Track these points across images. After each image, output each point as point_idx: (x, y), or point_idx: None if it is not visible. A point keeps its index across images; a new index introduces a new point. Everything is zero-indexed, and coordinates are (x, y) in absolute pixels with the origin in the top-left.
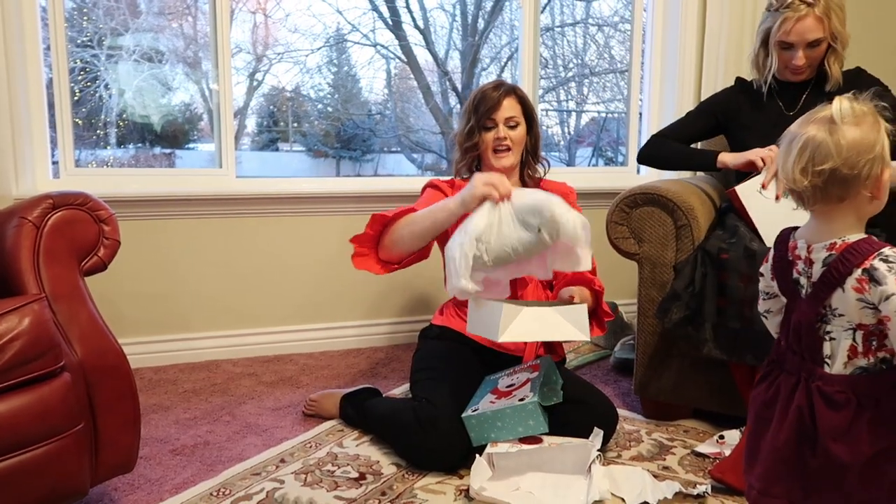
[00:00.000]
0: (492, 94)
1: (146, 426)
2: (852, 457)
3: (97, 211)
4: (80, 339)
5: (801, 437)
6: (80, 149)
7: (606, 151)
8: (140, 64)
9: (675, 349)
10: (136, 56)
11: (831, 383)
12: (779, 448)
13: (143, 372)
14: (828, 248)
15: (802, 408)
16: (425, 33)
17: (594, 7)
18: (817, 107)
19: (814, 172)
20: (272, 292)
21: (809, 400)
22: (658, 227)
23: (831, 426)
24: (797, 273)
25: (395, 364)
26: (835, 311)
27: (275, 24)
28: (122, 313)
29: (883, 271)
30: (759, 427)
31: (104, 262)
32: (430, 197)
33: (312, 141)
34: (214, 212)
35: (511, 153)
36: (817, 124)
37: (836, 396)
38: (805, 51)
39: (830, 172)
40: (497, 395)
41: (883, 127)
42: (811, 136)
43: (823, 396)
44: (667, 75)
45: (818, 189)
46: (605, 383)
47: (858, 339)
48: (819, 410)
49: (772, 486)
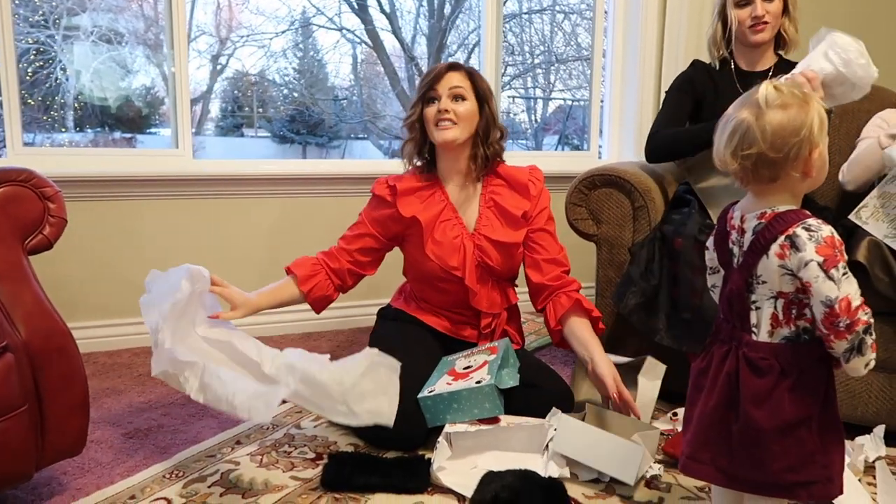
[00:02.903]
0: (438, 67)
1: (98, 410)
2: (770, 422)
3: (42, 188)
4: (24, 320)
5: (727, 403)
6: (36, 132)
7: (573, 139)
8: (98, 45)
9: (633, 329)
10: (93, 37)
11: (756, 350)
12: (707, 414)
13: (97, 356)
14: (758, 216)
15: (731, 374)
16: (391, 18)
17: None
18: (754, 87)
19: (742, 156)
20: (230, 275)
21: (737, 366)
22: (616, 208)
23: (753, 391)
24: (731, 243)
25: (355, 348)
26: (759, 278)
27: (238, 5)
28: (75, 296)
29: (804, 238)
30: (694, 395)
31: (49, 240)
32: (371, 211)
33: (278, 126)
34: (170, 192)
35: (456, 127)
36: (748, 108)
37: (760, 363)
38: (763, 3)
39: (757, 156)
40: (454, 376)
41: (814, 107)
42: (740, 120)
43: (748, 362)
44: (628, 62)
45: (748, 171)
46: (564, 364)
47: (779, 307)
48: (743, 376)
49: (699, 452)
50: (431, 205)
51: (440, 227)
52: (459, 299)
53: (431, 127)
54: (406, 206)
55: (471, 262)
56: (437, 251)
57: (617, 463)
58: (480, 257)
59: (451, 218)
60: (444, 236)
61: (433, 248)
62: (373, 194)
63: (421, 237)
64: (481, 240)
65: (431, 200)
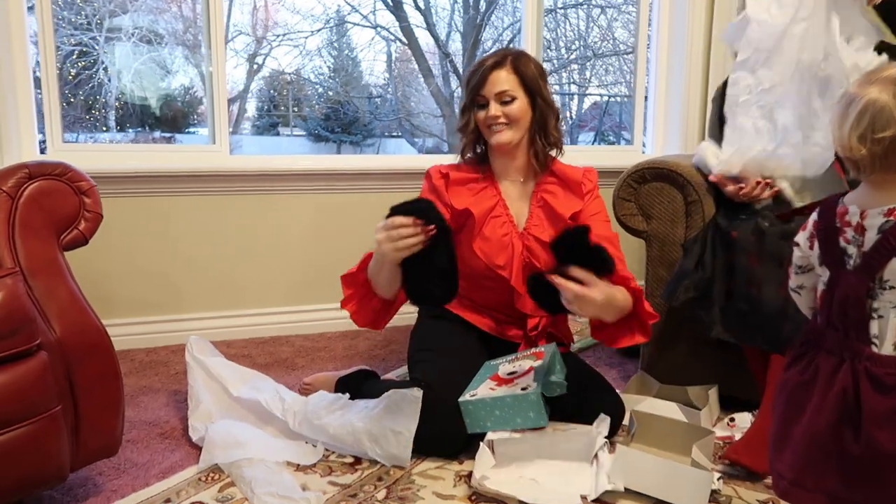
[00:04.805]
0: (481, 68)
1: (135, 409)
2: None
3: (77, 182)
4: (59, 317)
5: (842, 423)
6: (79, 132)
7: (608, 136)
8: (139, 46)
9: (684, 330)
10: (134, 39)
11: (881, 364)
12: (816, 434)
13: (135, 353)
14: (885, 213)
15: (847, 390)
16: (426, 14)
17: None
18: (879, 64)
19: (873, 140)
20: (268, 272)
21: (855, 381)
22: (667, 203)
23: (878, 411)
24: (845, 241)
25: (393, 346)
26: (886, 283)
27: (274, 4)
28: (113, 292)
29: None
30: (792, 411)
31: (85, 236)
32: (424, 192)
33: (313, 125)
34: (208, 188)
35: (509, 129)
36: (880, 85)
37: (886, 379)
38: None
39: (891, 140)
40: (497, 381)
41: None
42: (872, 100)
43: (871, 378)
44: (674, 55)
45: (876, 158)
46: (609, 366)
47: None
48: (865, 393)
49: (804, 477)
50: (484, 199)
51: (490, 224)
52: (504, 299)
53: (485, 130)
54: (457, 196)
55: (518, 262)
56: (485, 248)
57: (685, 492)
58: (528, 258)
59: (502, 215)
60: (494, 233)
61: (481, 245)
62: (428, 179)
63: (470, 231)
64: (530, 240)
65: (484, 194)
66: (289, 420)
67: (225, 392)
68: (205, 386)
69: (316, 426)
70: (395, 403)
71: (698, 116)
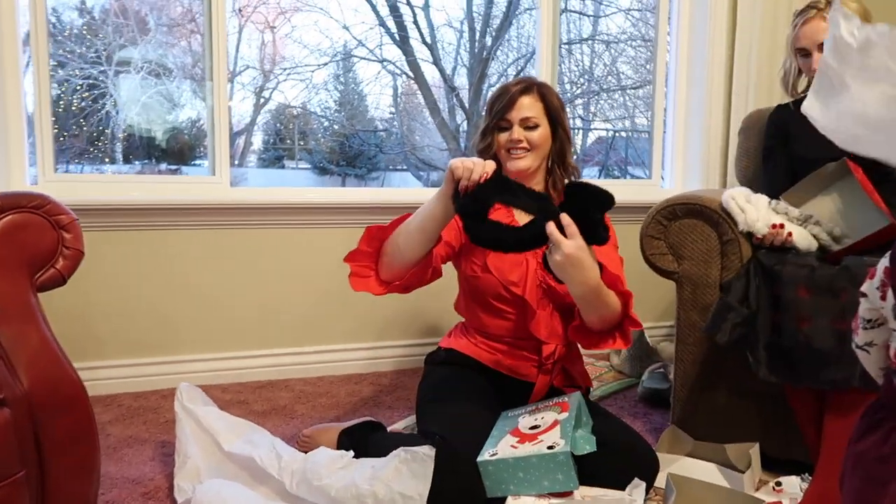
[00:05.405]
0: (509, 91)
1: (118, 463)
2: None
3: (56, 215)
4: (28, 367)
5: None
6: (83, 164)
7: (614, 171)
8: (147, 80)
9: (721, 380)
10: (143, 73)
11: None
12: None
13: (122, 398)
14: None
15: None
16: (433, 49)
17: (602, 24)
18: None
19: None
20: (267, 311)
21: None
22: (700, 241)
23: None
24: None
25: (400, 392)
26: None
27: (282, 39)
28: (100, 333)
29: None
30: (871, 491)
31: (63, 275)
32: None
33: (318, 158)
34: (206, 221)
35: (530, 154)
36: None
37: None
38: (820, 53)
39: None
40: (519, 437)
41: None
42: None
43: None
44: (693, 90)
45: None
46: (633, 416)
47: None
48: None
49: None
50: (497, 217)
51: None
52: (517, 325)
53: (503, 153)
54: None
55: (532, 280)
56: (498, 264)
57: None
58: (543, 277)
59: None
60: None
61: (494, 262)
62: None
63: (483, 252)
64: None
65: (497, 214)
66: (285, 480)
67: (216, 446)
68: (194, 439)
69: (315, 487)
70: (404, 463)
71: (720, 150)
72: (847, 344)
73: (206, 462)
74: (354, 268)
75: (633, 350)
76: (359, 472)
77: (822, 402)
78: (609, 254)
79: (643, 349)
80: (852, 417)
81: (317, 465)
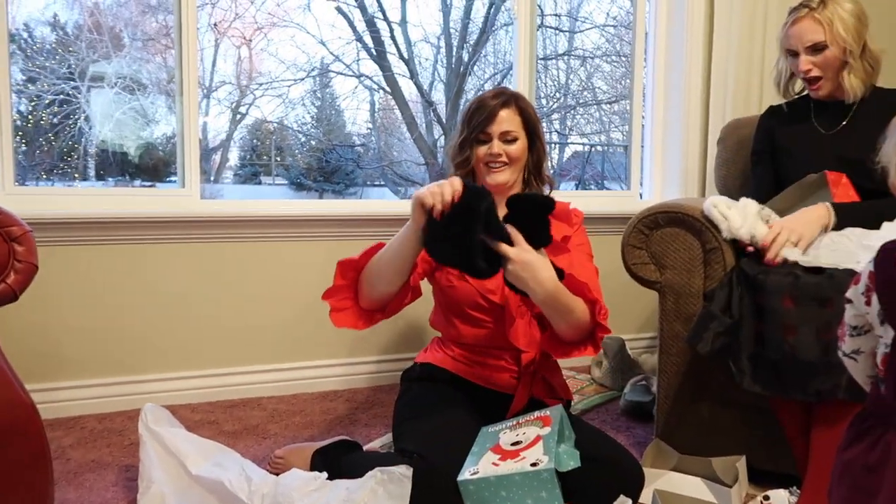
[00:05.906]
0: (488, 104)
1: (78, 489)
2: None
3: (7, 227)
4: None
5: None
6: (53, 180)
7: (590, 185)
8: (121, 95)
9: (705, 391)
10: (117, 88)
11: None
12: None
13: (86, 420)
14: None
15: None
16: (409, 64)
17: (577, 39)
18: None
19: None
20: (238, 327)
21: None
22: (683, 250)
23: None
24: None
25: (377, 409)
26: None
27: (258, 54)
28: (64, 352)
29: None
30: (858, 499)
31: (14, 290)
32: None
33: (295, 174)
34: (174, 235)
35: (508, 168)
36: None
37: None
38: (807, 55)
39: None
40: (500, 454)
41: None
42: None
43: None
44: (671, 102)
45: None
46: (616, 430)
47: None
48: None
49: None
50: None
51: None
52: (494, 333)
53: (482, 167)
54: None
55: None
56: None
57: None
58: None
59: None
60: None
61: None
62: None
63: None
64: None
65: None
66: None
67: (183, 469)
68: (159, 462)
69: None
70: (381, 484)
71: (698, 160)
72: (833, 354)
73: (171, 487)
74: (333, 303)
75: (615, 363)
76: (333, 495)
77: (809, 414)
78: (583, 263)
79: (625, 362)
80: (840, 428)
81: (288, 487)
